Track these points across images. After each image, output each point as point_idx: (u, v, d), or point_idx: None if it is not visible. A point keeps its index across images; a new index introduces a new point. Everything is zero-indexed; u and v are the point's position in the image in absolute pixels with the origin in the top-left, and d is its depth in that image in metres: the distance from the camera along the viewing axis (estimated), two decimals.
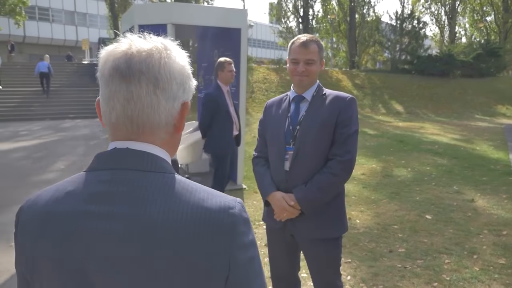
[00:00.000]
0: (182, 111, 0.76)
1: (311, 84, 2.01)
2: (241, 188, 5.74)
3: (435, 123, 14.93)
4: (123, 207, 0.67)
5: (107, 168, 0.71)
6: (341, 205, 2.06)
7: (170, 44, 0.76)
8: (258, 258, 0.73)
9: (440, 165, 7.49)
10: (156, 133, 0.73)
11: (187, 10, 5.22)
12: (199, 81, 7.39)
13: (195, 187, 0.72)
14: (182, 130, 0.79)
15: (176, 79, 0.73)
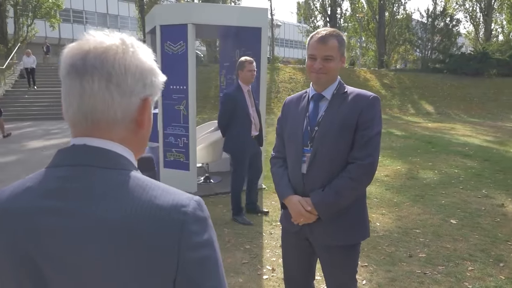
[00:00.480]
0: (143, 107, 0.74)
1: (331, 81, 1.89)
2: (260, 188, 5.71)
3: (467, 124, 14.36)
4: (75, 203, 0.66)
5: (65, 165, 0.71)
6: (362, 210, 1.95)
7: (130, 40, 0.74)
8: (214, 259, 0.70)
9: (470, 167, 7.18)
10: (113, 129, 0.72)
11: (207, 10, 5.24)
12: (222, 81, 7.42)
13: (151, 184, 0.70)
14: (146, 126, 0.76)
15: (132, 74, 0.71)
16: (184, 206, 0.68)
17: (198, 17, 5.03)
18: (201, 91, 17.91)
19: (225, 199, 5.25)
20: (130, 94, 0.72)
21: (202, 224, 0.70)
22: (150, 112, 0.77)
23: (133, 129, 0.75)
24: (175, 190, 0.72)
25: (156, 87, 0.77)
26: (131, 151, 0.75)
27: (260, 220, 4.56)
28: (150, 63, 0.75)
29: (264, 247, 3.85)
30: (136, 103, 0.73)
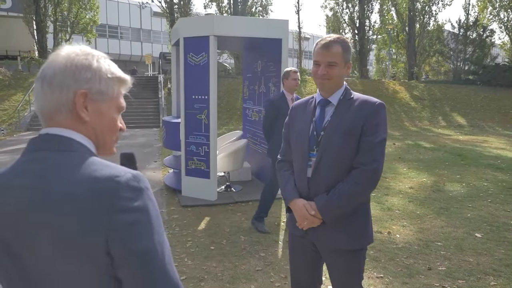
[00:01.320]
0: (77, 99, 0.87)
1: (336, 87, 1.92)
2: (280, 198, 5.70)
3: (502, 137, 13.78)
4: (32, 180, 0.81)
5: (30, 151, 0.87)
6: (366, 215, 1.96)
7: (84, 49, 0.91)
8: (146, 224, 0.80)
9: (501, 181, 6.89)
10: (55, 118, 0.87)
11: (228, 22, 5.38)
12: (244, 92, 7.54)
13: (95, 161, 0.84)
14: (90, 119, 0.89)
15: (61, 73, 0.86)
16: (118, 176, 0.80)
17: (220, 29, 5.17)
18: (228, 102, 18.20)
19: (244, 208, 5.29)
20: (60, 89, 0.86)
21: (135, 192, 0.80)
22: (97, 106, 0.89)
23: (76, 119, 0.88)
24: (116, 165, 0.84)
25: (94, 82, 0.88)
26: (88, 139, 0.89)
27: (277, 229, 4.56)
28: (88, 63, 0.89)
29: (279, 255, 3.85)
30: (68, 96, 0.86)
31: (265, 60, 6.25)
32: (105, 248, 0.77)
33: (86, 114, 0.88)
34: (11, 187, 0.83)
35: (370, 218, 1.98)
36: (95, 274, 0.79)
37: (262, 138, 6.46)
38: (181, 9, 24.60)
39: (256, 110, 6.77)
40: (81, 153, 0.85)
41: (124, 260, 0.78)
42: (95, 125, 0.90)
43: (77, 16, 24.36)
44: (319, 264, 2.10)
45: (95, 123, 0.90)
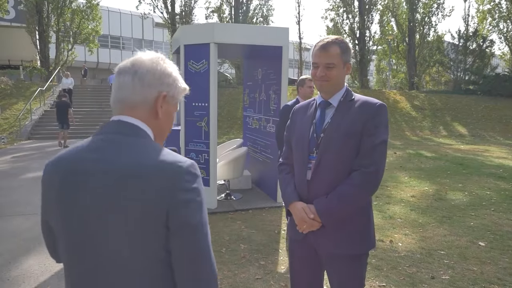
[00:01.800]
0: (158, 98, 1.05)
1: (336, 89, 1.89)
2: (280, 206, 5.66)
3: (503, 147, 13.72)
4: (106, 156, 0.97)
5: (103, 133, 1.03)
6: (367, 220, 1.91)
7: (161, 56, 1.10)
8: (200, 203, 0.97)
9: (503, 189, 6.82)
10: (136, 110, 1.04)
11: (229, 30, 5.39)
12: (245, 100, 7.53)
13: (162, 149, 1.00)
14: (162, 118, 1.07)
15: (152, 74, 1.04)
16: (181, 162, 0.97)
17: (220, 36, 5.18)
18: (229, 112, 18.20)
19: (244, 216, 5.23)
20: (149, 86, 1.03)
21: (193, 176, 0.97)
22: (168, 107, 1.09)
23: (152, 115, 1.05)
24: (177, 154, 1.01)
25: (172, 88, 1.08)
26: (151, 131, 1.05)
27: (278, 237, 4.50)
28: (169, 70, 1.08)
29: (279, 263, 3.78)
30: (153, 93, 1.04)
31: (265, 68, 6.25)
32: (165, 220, 0.93)
33: (160, 112, 1.06)
34: (85, 160, 0.98)
35: (372, 222, 1.93)
36: (152, 242, 0.94)
37: (262, 146, 6.44)
38: (182, 20, 24.81)
39: (256, 118, 6.75)
40: (148, 140, 1.02)
41: (178, 231, 0.93)
42: (162, 123, 1.09)
43: (79, 26, 24.51)
44: (320, 270, 2.04)
45: (162, 122, 1.09)
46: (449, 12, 27.93)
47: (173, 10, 24.83)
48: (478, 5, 28.64)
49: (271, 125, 6.01)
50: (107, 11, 38.08)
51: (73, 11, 24.26)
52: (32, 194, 6.42)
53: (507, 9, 27.16)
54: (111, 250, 0.95)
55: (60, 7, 23.51)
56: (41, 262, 3.79)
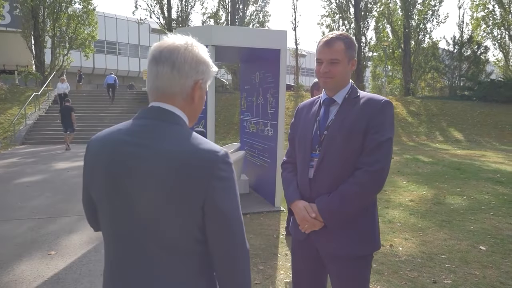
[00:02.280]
0: (195, 86, 1.10)
1: (341, 85, 1.84)
2: (278, 211, 5.59)
3: (499, 152, 13.76)
4: (146, 141, 1.03)
5: (144, 117, 1.09)
6: (372, 220, 1.85)
7: (192, 41, 1.11)
8: (234, 190, 1.05)
9: (501, 194, 6.80)
10: (175, 98, 1.09)
11: (227, 32, 5.36)
12: (242, 104, 7.48)
13: (198, 136, 1.06)
14: (196, 101, 1.13)
15: (189, 64, 1.07)
16: (218, 151, 1.03)
17: (218, 39, 5.14)
18: (225, 117, 18.16)
19: None
20: (186, 77, 1.08)
21: (227, 165, 1.04)
22: (202, 92, 1.14)
23: (188, 101, 1.12)
24: (211, 143, 1.07)
25: (206, 74, 1.12)
26: (186, 116, 1.12)
27: (276, 241, 4.43)
28: (203, 56, 1.11)
29: (278, 268, 3.71)
30: (190, 83, 1.09)
31: (263, 72, 6.22)
32: (202, 204, 1.00)
33: (196, 97, 1.12)
34: (124, 142, 1.05)
35: (377, 223, 1.87)
36: (189, 222, 1.02)
37: (260, 150, 6.38)
38: (179, 25, 24.83)
39: (254, 122, 6.70)
40: (186, 127, 1.09)
41: (214, 215, 1.02)
42: (196, 107, 1.15)
43: (75, 32, 24.42)
44: (323, 272, 1.98)
45: (197, 105, 1.15)
46: (443, 19, 28.22)
47: (170, 15, 24.88)
48: (472, 12, 28.97)
49: (269, 129, 5.96)
50: (103, 16, 38.09)
51: (69, 16, 24.20)
52: (25, 199, 6.31)
53: (501, 16, 27.47)
54: (151, 227, 1.03)
55: (56, 12, 23.46)
56: (33, 268, 3.69)
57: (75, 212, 5.61)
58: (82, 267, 3.74)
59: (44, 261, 3.85)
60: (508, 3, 27.48)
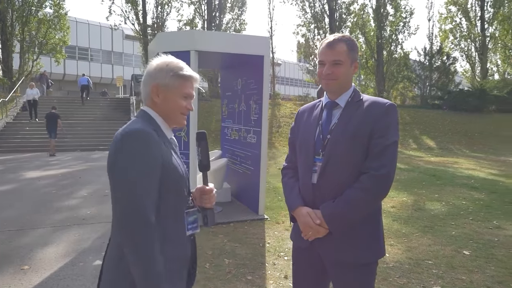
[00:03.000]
0: (152, 90, 1.46)
1: (344, 88, 1.80)
2: (262, 219, 5.50)
3: (470, 159, 14.23)
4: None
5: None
6: (377, 226, 1.80)
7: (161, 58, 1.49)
8: (128, 163, 1.30)
9: (478, 199, 6.98)
10: (145, 101, 1.50)
11: (210, 38, 5.26)
12: (223, 111, 7.38)
13: (133, 122, 1.41)
14: (159, 102, 1.45)
15: (148, 74, 1.47)
16: (120, 131, 1.36)
17: (201, 44, 5.03)
18: (202, 125, 17.94)
19: (225, 229, 5.03)
20: (145, 85, 1.47)
21: (123, 141, 1.33)
22: (166, 95, 1.45)
23: (153, 102, 1.47)
24: (136, 125, 1.37)
25: (160, 78, 1.45)
26: (157, 114, 1.47)
27: (263, 250, 4.33)
28: (159, 65, 1.46)
29: (267, 278, 3.60)
30: (148, 88, 1.47)
31: (245, 78, 6.15)
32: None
33: (158, 99, 1.45)
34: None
35: (382, 229, 1.83)
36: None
37: (242, 157, 6.28)
38: (154, 32, 24.51)
39: (236, 129, 6.60)
40: (143, 118, 1.44)
41: (111, 182, 1.33)
42: (162, 106, 1.46)
43: (46, 36, 23.61)
44: (325, 280, 1.91)
45: (163, 105, 1.46)
46: (414, 31, 29.33)
47: (145, 22, 24.52)
48: (440, 25, 30.17)
49: (252, 136, 5.88)
50: (75, 21, 37.13)
51: (40, 20, 23.40)
52: None
53: (468, 28, 28.72)
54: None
55: (25, 15, 22.64)
56: (5, 284, 3.43)
57: (48, 223, 5.32)
58: (59, 282, 3.50)
59: (16, 276, 3.59)
60: (474, 17, 28.81)
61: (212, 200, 1.55)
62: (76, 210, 6.01)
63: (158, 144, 1.34)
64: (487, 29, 28.56)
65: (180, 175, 1.41)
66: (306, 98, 26.75)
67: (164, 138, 1.42)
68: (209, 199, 1.55)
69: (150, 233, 1.24)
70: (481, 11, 28.28)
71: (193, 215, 1.51)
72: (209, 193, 1.54)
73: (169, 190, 1.37)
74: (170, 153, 1.40)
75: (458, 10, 29.45)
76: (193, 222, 1.50)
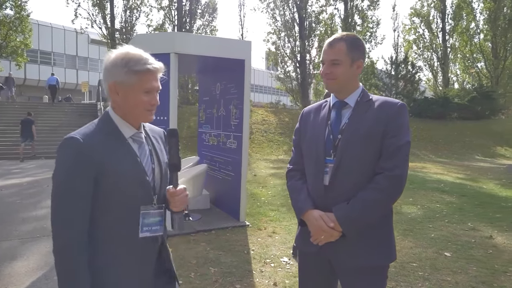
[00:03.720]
0: (109, 87, 1.39)
1: (347, 88, 1.76)
2: (244, 225, 5.39)
3: (437, 164, 14.76)
4: None
5: None
6: (390, 228, 1.76)
7: (115, 49, 1.40)
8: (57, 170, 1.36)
9: (450, 202, 7.20)
10: (109, 99, 1.45)
11: (190, 40, 5.15)
12: (201, 116, 7.24)
13: (83, 128, 1.40)
14: (118, 101, 1.40)
15: (105, 69, 1.39)
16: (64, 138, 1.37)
17: (181, 47, 4.91)
18: None
19: (207, 237, 4.88)
20: (105, 81, 1.40)
21: (60, 148, 1.38)
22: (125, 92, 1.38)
23: (113, 101, 1.42)
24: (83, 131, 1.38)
25: (119, 75, 1.36)
26: (115, 112, 1.43)
27: (248, 257, 4.22)
28: (111, 60, 1.38)
29: (256, 285, 3.51)
30: (107, 86, 1.40)
31: (224, 82, 6.06)
32: None
33: (117, 97, 1.39)
34: None
35: (393, 231, 1.79)
36: None
37: (222, 163, 6.17)
38: (123, 36, 23.94)
39: (214, 135, 6.49)
40: (100, 119, 1.45)
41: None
42: (122, 104, 1.40)
43: (6, 38, 22.49)
44: (334, 284, 1.85)
45: (122, 103, 1.40)
46: (381, 40, 30.31)
47: (113, 26, 23.91)
48: (404, 35, 31.37)
49: (232, 141, 5.79)
50: (37, 24, 35.64)
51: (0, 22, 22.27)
52: None
53: (430, 39, 30.03)
54: None
55: None
56: None
57: (15, 235, 4.97)
58: None
59: None
60: (436, 28, 30.19)
61: (180, 203, 1.47)
62: (45, 221, 5.65)
63: (91, 154, 1.33)
64: (448, 40, 29.99)
65: (133, 176, 1.38)
66: (278, 105, 26.93)
67: (117, 139, 1.40)
68: (176, 202, 1.46)
69: (71, 246, 1.31)
70: (442, 23, 29.68)
71: (155, 217, 1.44)
72: (177, 195, 1.45)
73: (112, 192, 1.36)
74: (120, 156, 1.37)
75: (421, 22, 30.77)
76: (153, 224, 1.44)
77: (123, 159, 1.38)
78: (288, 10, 28.09)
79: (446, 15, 29.50)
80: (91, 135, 1.35)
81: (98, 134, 1.37)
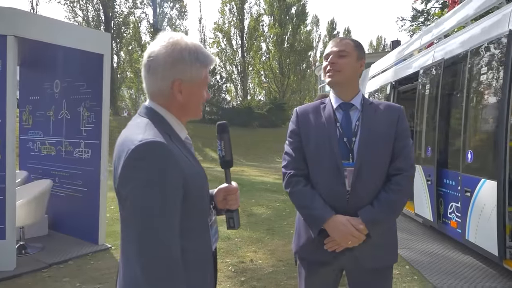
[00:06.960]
0: (173, 86, 1.14)
1: (350, 85, 1.76)
2: (106, 249, 4.59)
3: (251, 167, 16.30)
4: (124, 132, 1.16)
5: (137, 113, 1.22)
6: (395, 230, 1.83)
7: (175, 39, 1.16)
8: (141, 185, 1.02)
9: (285, 201, 8.03)
10: (155, 98, 1.18)
11: (37, 22, 4.02)
12: (24, 119, 5.76)
13: (144, 127, 1.10)
14: (181, 100, 1.16)
15: (162, 66, 1.13)
16: (135, 141, 1.03)
17: (24, 29, 3.79)
18: None
19: (66, 270, 3.94)
20: (162, 79, 1.14)
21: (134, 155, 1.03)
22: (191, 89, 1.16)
23: (172, 100, 1.16)
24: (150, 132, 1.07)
25: (188, 72, 1.15)
26: (168, 111, 1.18)
27: None
28: (183, 54, 1.13)
29: None
30: (167, 84, 1.14)
31: (69, 80, 5.03)
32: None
33: (181, 97, 1.16)
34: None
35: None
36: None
37: (66, 177, 5.10)
38: None
39: (51, 142, 5.28)
40: (152, 119, 1.14)
41: (122, 200, 1.07)
42: (186, 103, 1.19)
43: None
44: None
45: (186, 101, 1.19)
46: None
47: None
48: (209, 48, 33.49)
49: (84, 150, 4.85)
50: None
51: None
52: None
53: (232, 54, 33.05)
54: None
55: None
56: None
57: None
58: None
59: None
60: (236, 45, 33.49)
61: (238, 200, 1.41)
62: None
63: (178, 157, 1.09)
64: (246, 56, 33.74)
65: (202, 181, 1.21)
66: None
67: (179, 142, 1.19)
68: (233, 200, 1.39)
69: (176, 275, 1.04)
70: (241, 41, 33.18)
71: (215, 224, 1.35)
72: (234, 193, 1.38)
73: (191, 203, 1.13)
74: (188, 160, 1.17)
75: (223, 37, 33.55)
76: (215, 233, 1.34)
77: (191, 165, 1.17)
78: (90, 5, 25.86)
79: (244, 33, 33.13)
80: (163, 139, 1.08)
81: (165, 137, 1.10)
